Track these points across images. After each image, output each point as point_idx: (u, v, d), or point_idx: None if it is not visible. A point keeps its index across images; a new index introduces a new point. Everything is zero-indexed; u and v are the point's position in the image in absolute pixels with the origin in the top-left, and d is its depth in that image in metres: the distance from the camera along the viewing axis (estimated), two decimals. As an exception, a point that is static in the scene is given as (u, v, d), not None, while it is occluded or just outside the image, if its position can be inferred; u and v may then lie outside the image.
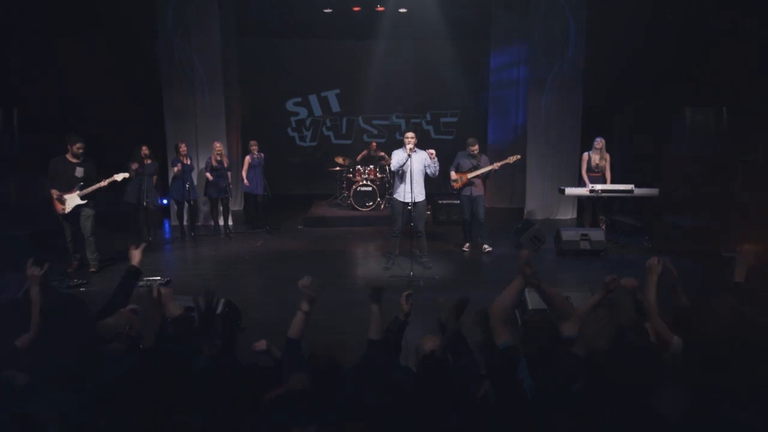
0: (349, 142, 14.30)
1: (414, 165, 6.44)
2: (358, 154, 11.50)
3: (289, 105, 14.19)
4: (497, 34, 11.43)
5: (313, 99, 14.17)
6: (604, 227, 8.31)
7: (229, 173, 9.32)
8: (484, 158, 7.65)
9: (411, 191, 6.40)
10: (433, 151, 6.39)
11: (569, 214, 10.67)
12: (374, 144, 11.61)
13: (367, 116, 14.29)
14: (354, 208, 10.40)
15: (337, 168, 11.18)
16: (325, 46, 13.40)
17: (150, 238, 8.64)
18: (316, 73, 13.71)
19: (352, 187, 10.44)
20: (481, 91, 12.98)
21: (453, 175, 7.67)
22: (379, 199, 10.43)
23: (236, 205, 11.53)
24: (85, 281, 6.36)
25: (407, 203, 6.48)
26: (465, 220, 7.75)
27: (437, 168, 6.53)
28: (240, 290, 6.13)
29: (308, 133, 14.36)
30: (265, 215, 9.63)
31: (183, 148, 8.85)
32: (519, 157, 7.48)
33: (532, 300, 4.64)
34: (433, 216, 10.11)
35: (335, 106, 14.24)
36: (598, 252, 7.47)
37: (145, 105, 10.07)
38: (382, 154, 11.35)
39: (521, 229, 8.10)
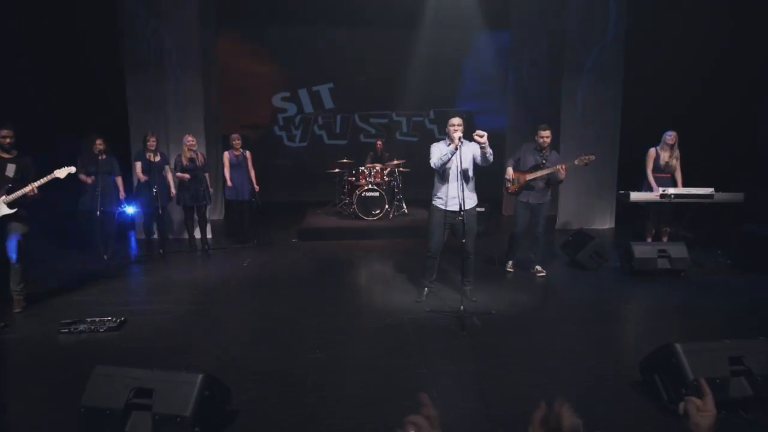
0: (343, 142, 12.51)
1: (463, 160, 4.71)
2: (364, 158, 9.73)
3: (276, 100, 12.33)
4: (519, 18, 9.84)
5: (303, 94, 12.35)
6: (666, 241, 6.71)
7: (207, 175, 7.45)
8: (553, 155, 5.83)
9: (460, 195, 4.66)
10: (483, 134, 4.61)
11: (607, 223, 9.07)
12: (380, 143, 9.85)
13: (364, 113, 12.54)
14: (358, 217, 8.60)
15: (337, 170, 9.37)
16: (317, 34, 11.61)
17: (107, 257, 6.71)
18: (306, 64, 11.91)
19: (355, 192, 8.66)
20: (496, 85, 11.38)
21: (509, 173, 5.88)
22: (387, 207, 8.66)
23: (216, 214, 9.61)
24: (2, 324, 4.41)
25: (454, 212, 4.75)
26: (514, 234, 6.03)
27: (491, 154, 4.76)
28: (224, 337, 4.28)
29: (298, 133, 12.52)
30: (253, 226, 7.76)
31: (152, 141, 6.96)
32: (593, 157, 5.75)
33: None
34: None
35: (328, 102, 12.45)
36: (679, 272, 5.84)
37: (106, 91, 8.12)
38: (394, 157, 9.60)
39: (575, 245, 6.43)
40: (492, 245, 7.39)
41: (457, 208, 4.69)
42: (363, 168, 8.89)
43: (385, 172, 9.05)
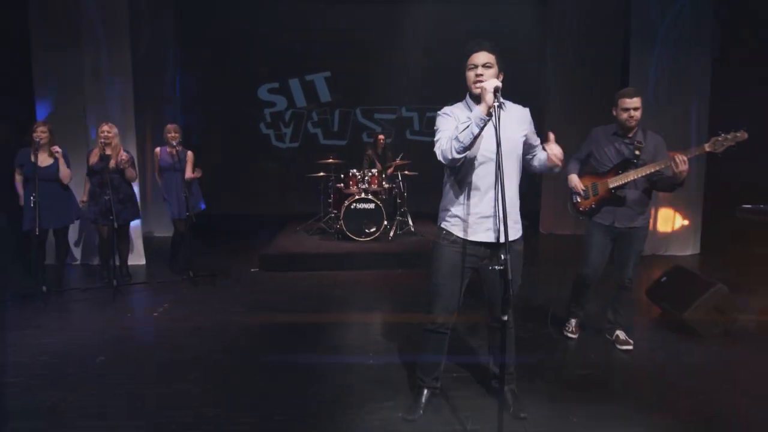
0: (342, 142, 10.14)
1: (505, 140, 2.28)
2: (361, 157, 7.29)
3: (263, 92, 10.06)
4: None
5: (294, 85, 10.04)
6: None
7: (131, 178, 5.16)
8: (652, 139, 3.30)
9: (498, 213, 2.27)
10: (558, 153, 2.39)
11: (689, 248, 6.46)
12: (382, 138, 7.44)
13: (367, 108, 10.16)
14: (345, 237, 6.21)
15: (321, 174, 6.98)
16: (312, 12, 9.31)
17: (45, 288, 4.51)
18: (298, 49, 9.61)
19: (343, 203, 6.27)
20: (530, 71, 8.87)
21: (574, 181, 3.44)
22: (386, 223, 6.24)
23: (162, 231, 7.32)
24: None
25: (483, 247, 2.38)
26: (584, 277, 3.51)
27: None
28: None
29: (288, 131, 10.20)
30: (188, 253, 5.40)
31: (39, 131, 4.70)
32: (744, 135, 3.13)
33: None
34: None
35: (324, 95, 10.11)
36: None
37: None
38: (398, 157, 7.21)
39: (675, 292, 3.90)
40: (531, 288, 4.89)
41: (490, 239, 2.30)
42: (354, 171, 6.49)
43: (385, 176, 6.64)
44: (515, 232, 2.41)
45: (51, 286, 4.79)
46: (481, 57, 2.30)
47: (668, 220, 6.41)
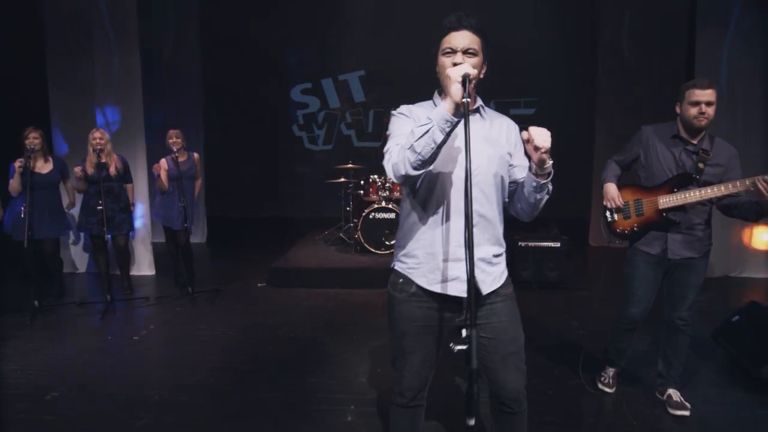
0: (377, 144, 9.57)
1: (480, 155, 1.65)
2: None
3: (296, 93, 9.68)
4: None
5: (327, 84, 9.59)
6: None
7: (129, 186, 4.86)
8: (722, 149, 2.51)
9: (465, 253, 1.52)
10: (541, 134, 1.51)
11: (764, 269, 5.37)
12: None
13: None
14: (363, 250, 5.63)
15: (342, 179, 6.44)
16: (344, 7, 8.82)
17: (37, 303, 4.32)
18: (331, 47, 9.16)
19: (362, 211, 5.70)
20: (579, 66, 7.94)
21: (612, 192, 2.67)
22: (408, 235, 5.61)
23: (198, 235, 7.04)
24: None
25: (451, 302, 1.69)
26: (626, 317, 2.72)
27: (548, 187, 1.64)
28: None
29: (321, 133, 9.77)
30: (189, 266, 5.02)
31: (31, 137, 4.45)
32: None
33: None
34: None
35: (359, 95, 9.59)
36: None
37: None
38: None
39: (753, 338, 3.03)
40: (567, 318, 4.12)
41: (459, 292, 1.66)
42: (374, 177, 5.90)
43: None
44: (494, 276, 1.73)
45: (45, 299, 4.57)
46: (463, 39, 1.63)
47: (743, 234, 5.36)
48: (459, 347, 1.26)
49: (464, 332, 1.27)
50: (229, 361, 3.41)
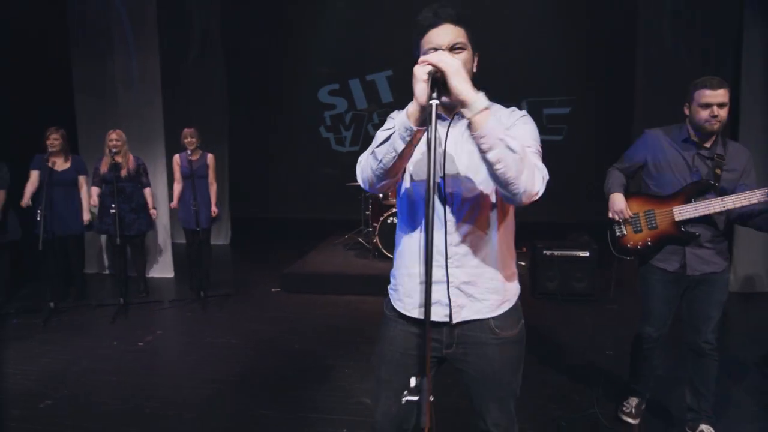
0: (404, 145, 9.36)
1: (457, 161, 1.41)
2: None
3: (323, 95, 9.58)
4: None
5: (354, 85, 9.44)
6: None
7: (147, 190, 4.84)
8: (739, 154, 2.22)
9: (442, 275, 1.41)
10: (441, 59, 1.18)
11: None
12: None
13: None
14: (381, 255, 5.43)
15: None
16: (371, 6, 8.65)
17: (52, 304, 4.42)
18: (359, 47, 9.01)
19: (381, 215, 5.50)
20: (617, 61, 7.46)
21: (618, 203, 2.39)
22: (427, 241, 5.37)
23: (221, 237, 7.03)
24: None
25: (435, 325, 1.46)
26: (645, 336, 2.44)
27: (516, 159, 1.22)
28: None
29: (348, 134, 9.64)
30: (205, 268, 4.97)
31: (52, 139, 4.49)
32: None
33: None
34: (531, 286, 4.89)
35: (386, 95, 9.39)
36: None
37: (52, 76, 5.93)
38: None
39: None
40: (593, 335, 3.79)
41: (439, 317, 1.44)
42: (394, 180, 5.69)
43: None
44: (485, 305, 1.46)
45: (64, 300, 4.61)
46: (446, 34, 1.38)
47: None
48: (407, 398, 1.04)
49: (413, 381, 1.04)
50: (226, 373, 3.28)
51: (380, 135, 1.34)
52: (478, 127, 1.17)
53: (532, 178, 1.23)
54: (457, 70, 1.17)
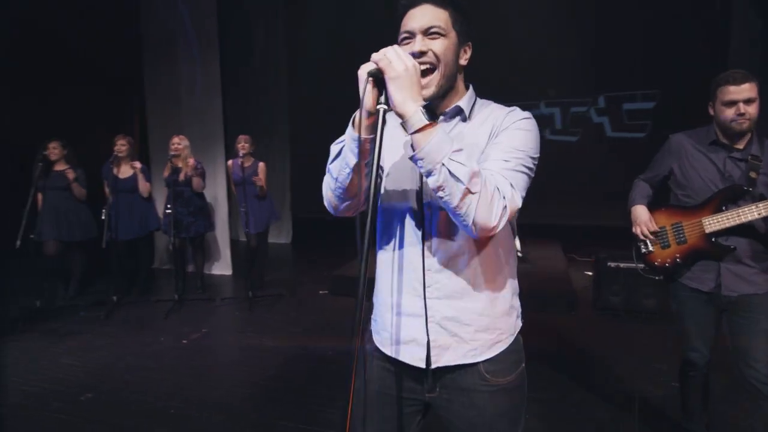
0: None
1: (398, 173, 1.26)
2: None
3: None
4: None
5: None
6: None
7: (197, 188, 5.00)
8: None
9: (420, 308, 1.23)
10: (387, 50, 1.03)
11: None
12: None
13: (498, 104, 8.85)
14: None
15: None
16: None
17: (115, 299, 4.72)
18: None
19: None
20: (707, 48, 6.64)
21: (642, 216, 2.10)
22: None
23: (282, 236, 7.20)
24: None
25: (416, 373, 1.26)
26: (690, 362, 2.12)
27: (501, 200, 1.06)
28: None
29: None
30: (258, 269, 5.06)
31: (119, 144, 4.77)
32: None
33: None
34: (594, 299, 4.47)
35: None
36: None
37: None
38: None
39: None
40: (656, 361, 3.35)
41: (415, 361, 1.24)
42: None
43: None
44: (474, 347, 1.23)
45: (127, 295, 4.91)
46: (423, 16, 1.17)
47: None
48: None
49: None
50: (259, 376, 3.26)
51: (333, 148, 1.18)
52: (416, 147, 1.00)
53: (488, 210, 1.02)
54: (399, 73, 0.99)
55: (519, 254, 5.46)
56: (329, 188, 1.20)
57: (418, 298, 1.23)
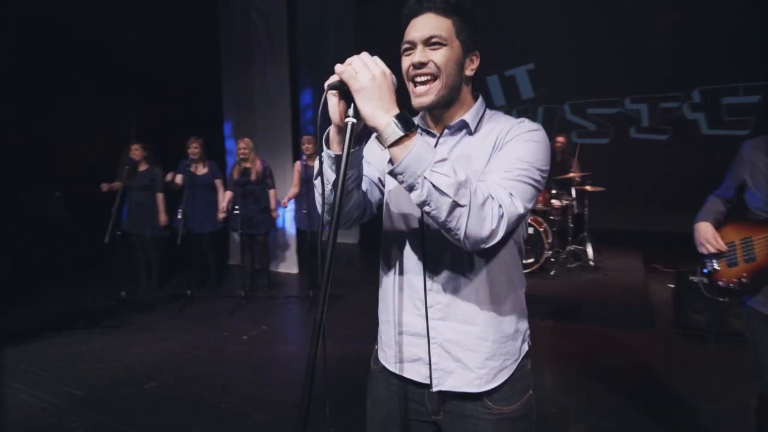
0: (545, 144, 8.58)
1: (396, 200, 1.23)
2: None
3: (460, 93, 9.26)
4: None
5: (492, 82, 8.95)
6: None
7: (272, 191, 5.18)
8: None
9: (423, 329, 1.18)
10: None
11: None
12: (561, 141, 5.88)
13: (578, 102, 8.36)
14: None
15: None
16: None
17: (189, 293, 5.06)
18: (497, 40, 8.50)
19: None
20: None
21: (706, 233, 1.84)
22: (548, 252, 4.82)
23: (351, 236, 7.34)
24: None
25: (420, 389, 1.20)
26: (765, 398, 1.81)
27: (497, 209, 0.96)
28: None
29: (484, 133, 9.18)
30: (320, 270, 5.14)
31: (193, 147, 5.06)
32: None
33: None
34: (676, 316, 4.05)
35: (526, 91, 8.72)
36: None
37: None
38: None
39: None
40: (746, 390, 2.96)
41: (419, 377, 1.20)
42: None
43: (554, 191, 5.13)
44: (478, 375, 1.13)
45: (198, 289, 5.20)
46: (424, 26, 1.11)
47: None
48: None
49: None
50: (296, 381, 3.30)
51: (316, 164, 1.14)
52: (394, 161, 0.94)
53: (479, 222, 0.93)
54: (363, 84, 0.92)
55: (591, 263, 5.09)
56: (320, 206, 1.15)
57: (421, 318, 1.17)
